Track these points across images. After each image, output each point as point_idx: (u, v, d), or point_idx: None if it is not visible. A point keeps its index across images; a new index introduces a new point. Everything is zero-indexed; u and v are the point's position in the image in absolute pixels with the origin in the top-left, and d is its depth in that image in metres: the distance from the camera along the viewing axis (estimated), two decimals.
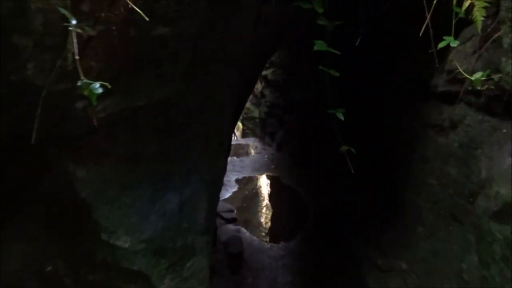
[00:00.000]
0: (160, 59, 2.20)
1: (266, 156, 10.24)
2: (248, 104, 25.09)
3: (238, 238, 5.68)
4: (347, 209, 5.75)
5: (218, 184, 3.16)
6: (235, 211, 6.86)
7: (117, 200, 2.38)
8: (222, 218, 6.54)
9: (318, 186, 7.33)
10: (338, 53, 2.70)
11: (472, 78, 2.22)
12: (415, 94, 3.49)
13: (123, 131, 2.25)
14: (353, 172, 2.89)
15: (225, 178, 8.47)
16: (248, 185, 8.34)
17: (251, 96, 25.85)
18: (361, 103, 4.72)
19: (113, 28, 1.76)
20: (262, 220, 6.86)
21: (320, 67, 2.83)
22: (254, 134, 15.33)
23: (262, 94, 11.91)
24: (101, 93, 1.61)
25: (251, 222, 6.69)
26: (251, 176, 8.79)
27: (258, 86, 16.38)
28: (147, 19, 1.49)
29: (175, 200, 2.60)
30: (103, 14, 1.72)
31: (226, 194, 7.63)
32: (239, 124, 23.96)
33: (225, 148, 3.28)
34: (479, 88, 2.35)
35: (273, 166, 9.40)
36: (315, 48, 2.65)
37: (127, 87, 2.11)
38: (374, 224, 4.43)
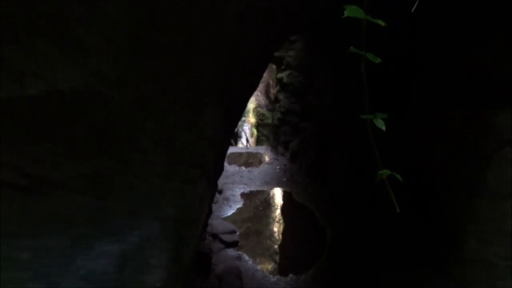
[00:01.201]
0: (68, 18, 1.24)
1: (278, 167, 9.22)
2: (263, 110, 24.30)
3: (236, 270, 4.66)
4: (374, 241, 4.68)
5: (192, 221, 2.16)
6: (238, 233, 5.85)
7: (2, 257, 1.42)
8: (221, 241, 5.54)
9: (336, 206, 6.28)
10: (383, 24, 1.70)
11: None
12: (485, 98, 2.46)
13: (4, 141, 1.29)
14: (398, 211, 1.88)
15: (230, 192, 7.47)
16: (255, 201, 7.32)
17: (266, 101, 25.01)
18: (402, 107, 3.69)
19: None
20: (269, 245, 5.83)
21: (351, 48, 1.82)
22: (269, 142, 14.37)
23: (277, 99, 10.91)
24: None
25: (255, 248, 5.67)
26: (259, 190, 7.76)
27: (273, 90, 15.46)
28: None
29: (111, 253, 1.61)
30: None
31: (229, 211, 6.63)
32: (254, 130, 23.13)
33: (208, 168, 2.29)
34: None
35: (285, 179, 8.37)
36: (345, 13, 1.65)
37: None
38: (415, 271, 3.37)
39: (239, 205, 6.91)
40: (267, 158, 10.06)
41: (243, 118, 21.43)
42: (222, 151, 2.82)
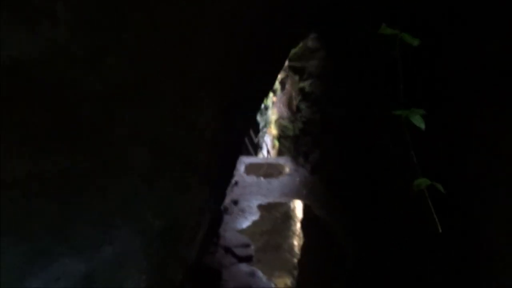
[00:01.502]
0: None
1: (298, 178, 8.83)
2: (285, 122, 23.98)
3: None
4: (401, 262, 4.24)
5: (187, 234, 1.83)
6: (252, 247, 5.48)
7: None
8: (234, 255, 5.18)
9: (357, 222, 5.84)
10: None
11: None
12: None
13: None
14: (440, 231, 1.52)
15: (246, 203, 7.12)
16: (272, 213, 6.94)
17: (288, 113, 24.67)
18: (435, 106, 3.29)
19: None
20: (286, 260, 5.42)
21: (383, 27, 1.48)
22: (290, 153, 14.00)
23: (298, 109, 10.56)
24: None
25: (271, 263, 5.27)
26: (277, 202, 7.38)
27: (296, 101, 15.12)
28: None
29: (75, 274, 1.30)
30: None
31: (244, 223, 6.27)
32: (275, 142, 22.79)
33: (205, 172, 1.96)
34: None
35: (305, 192, 7.96)
36: None
37: None
38: None
39: (256, 217, 6.54)
40: (287, 169, 9.68)
41: (264, 129, 21.16)
42: (227, 155, 2.50)
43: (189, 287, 3.60)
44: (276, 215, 6.87)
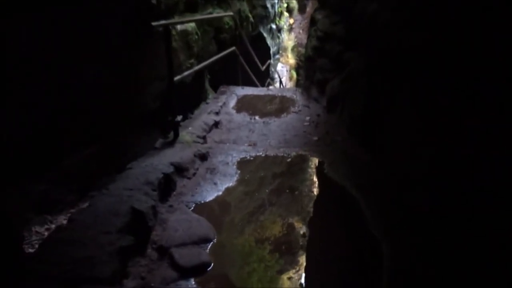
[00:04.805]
0: None
1: (307, 118, 6.24)
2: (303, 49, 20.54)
3: None
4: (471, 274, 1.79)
5: None
6: (212, 243, 3.09)
7: None
8: (174, 263, 2.81)
9: (402, 197, 3.35)
10: None
11: None
12: None
13: None
14: None
15: (222, 157, 4.53)
16: (259, 174, 4.44)
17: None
18: None
19: None
20: (272, 273, 3.03)
21: None
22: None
23: (313, 20, 7.67)
24: None
25: (242, 278, 2.90)
26: (269, 156, 4.84)
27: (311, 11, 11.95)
28: None
29: None
30: None
31: (210, 193, 3.79)
32: (293, 73, 19.82)
33: None
34: None
35: (316, 138, 5.41)
36: None
37: None
38: None
39: (231, 182, 4.03)
40: (295, 105, 7.06)
41: (276, 56, 18.05)
42: None
43: None
44: (264, 179, 4.36)
